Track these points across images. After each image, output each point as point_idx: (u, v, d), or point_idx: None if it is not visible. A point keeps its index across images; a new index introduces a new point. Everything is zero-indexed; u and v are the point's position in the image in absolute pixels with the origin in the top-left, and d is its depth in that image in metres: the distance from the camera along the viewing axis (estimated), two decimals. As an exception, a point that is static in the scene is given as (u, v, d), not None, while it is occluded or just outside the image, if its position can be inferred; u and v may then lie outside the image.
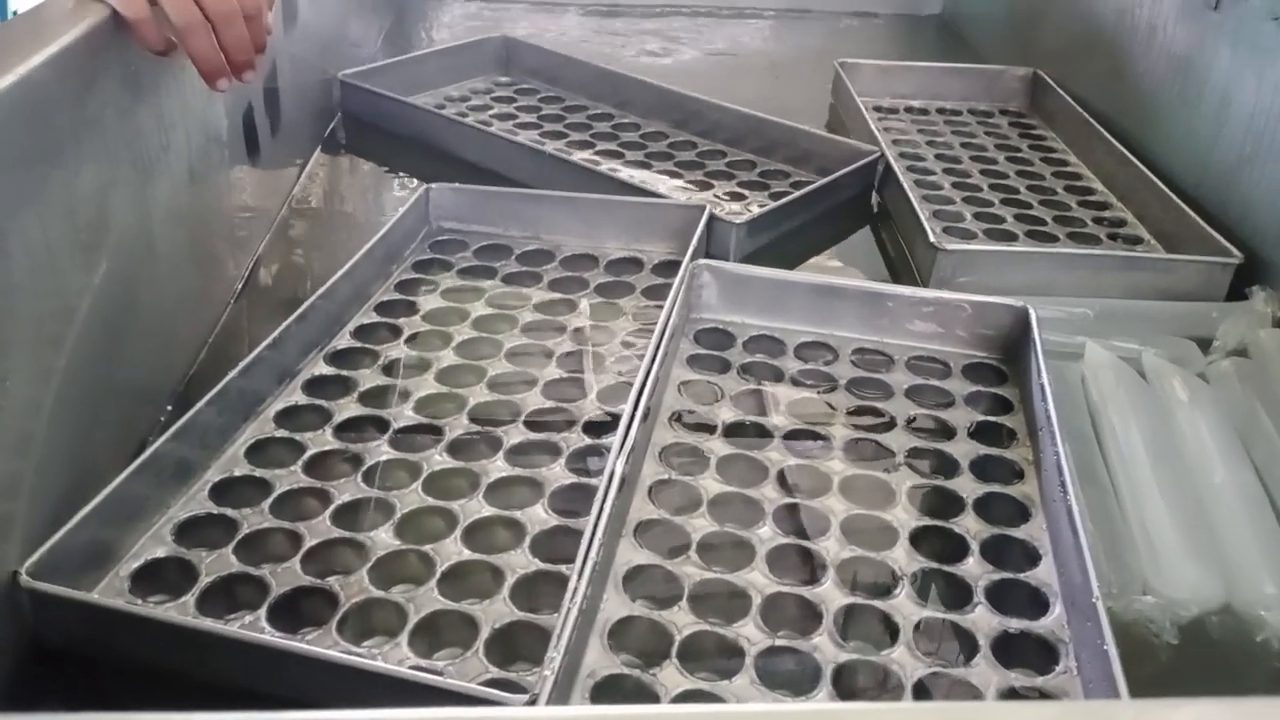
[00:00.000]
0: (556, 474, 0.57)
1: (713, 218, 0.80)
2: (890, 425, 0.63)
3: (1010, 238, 0.85)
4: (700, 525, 0.55)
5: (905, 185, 0.86)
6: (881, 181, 0.93)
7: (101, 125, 0.54)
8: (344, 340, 0.68)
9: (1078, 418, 0.64)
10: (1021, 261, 0.78)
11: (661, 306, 0.68)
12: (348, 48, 1.13)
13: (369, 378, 0.65)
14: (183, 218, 0.65)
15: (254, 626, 0.47)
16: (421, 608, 0.49)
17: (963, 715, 0.29)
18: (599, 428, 0.61)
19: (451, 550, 0.52)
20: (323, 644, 0.46)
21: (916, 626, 0.49)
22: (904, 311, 0.71)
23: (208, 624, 0.46)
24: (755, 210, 0.84)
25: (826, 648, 0.48)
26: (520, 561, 0.52)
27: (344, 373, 0.65)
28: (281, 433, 0.59)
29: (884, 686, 0.47)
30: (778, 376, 0.68)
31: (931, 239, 0.77)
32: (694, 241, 0.75)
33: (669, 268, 0.78)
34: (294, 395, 0.63)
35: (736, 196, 0.91)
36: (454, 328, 0.71)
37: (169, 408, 0.62)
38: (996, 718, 0.29)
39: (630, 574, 0.51)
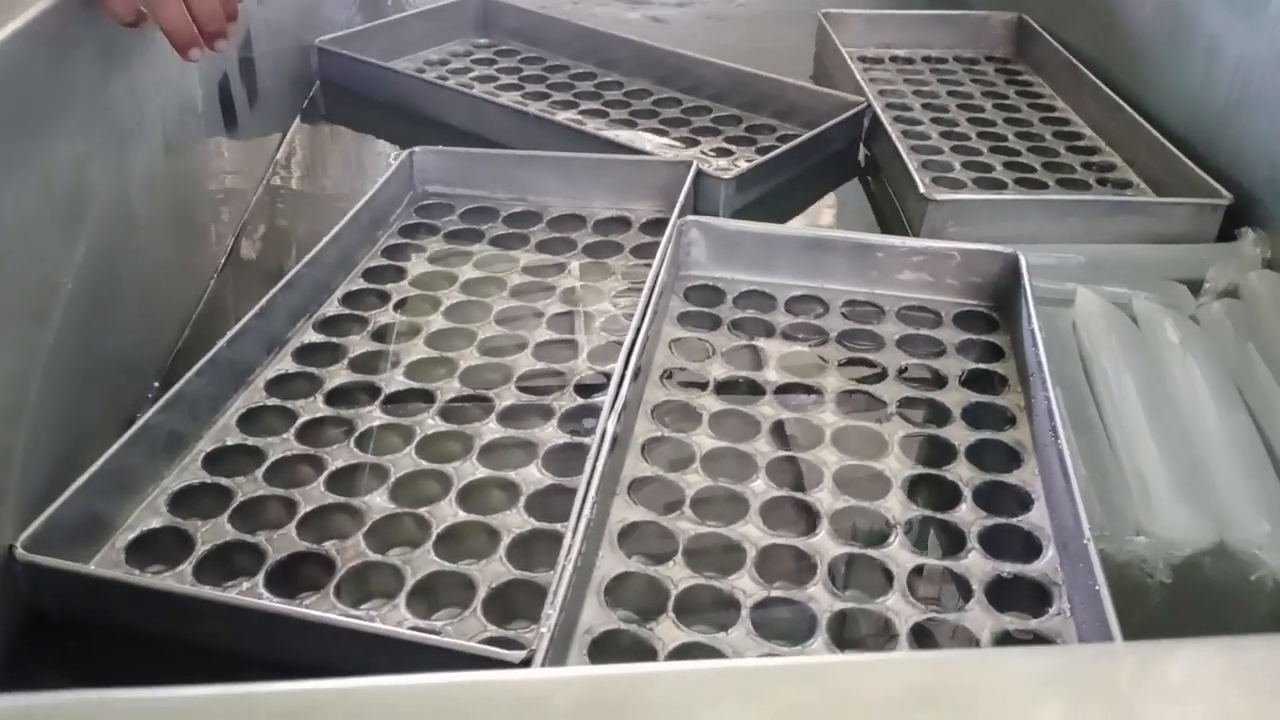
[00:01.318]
0: (550, 434, 0.58)
1: (700, 174, 0.80)
2: (882, 376, 0.64)
3: (999, 186, 0.85)
4: (694, 481, 0.55)
5: (893, 136, 0.85)
6: (869, 133, 0.93)
7: (75, 97, 0.54)
8: (332, 307, 0.68)
9: (1069, 363, 0.65)
10: (1012, 209, 0.78)
11: (650, 265, 0.68)
12: (324, 13, 1.12)
13: (359, 344, 0.65)
14: (162, 190, 0.65)
15: (251, 593, 0.47)
16: (418, 569, 0.49)
17: (960, 663, 0.29)
18: (591, 388, 0.61)
19: (447, 512, 0.52)
20: (320, 608, 0.46)
21: (911, 573, 0.50)
22: (894, 262, 0.71)
23: (205, 591, 0.46)
24: (743, 165, 0.84)
25: (822, 597, 0.49)
26: (516, 521, 0.52)
27: (334, 340, 0.65)
28: (273, 401, 0.59)
29: (880, 634, 0.48)
30: (769, 331, 0.68)
31: (921, 189, 0.77)
32: (681, 198, 0.75)
33: (657, 226, 0.78)
34: (284, 363, 0.63)
35: (723, 152, 0.91)
36: (442, 292, 0.71)
37: (156, 383, 0.62)
38: (992, 665, 0.29)
39: (625, 531, 0.52)
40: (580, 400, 0.60)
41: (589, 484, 0.50)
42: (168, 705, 0.22)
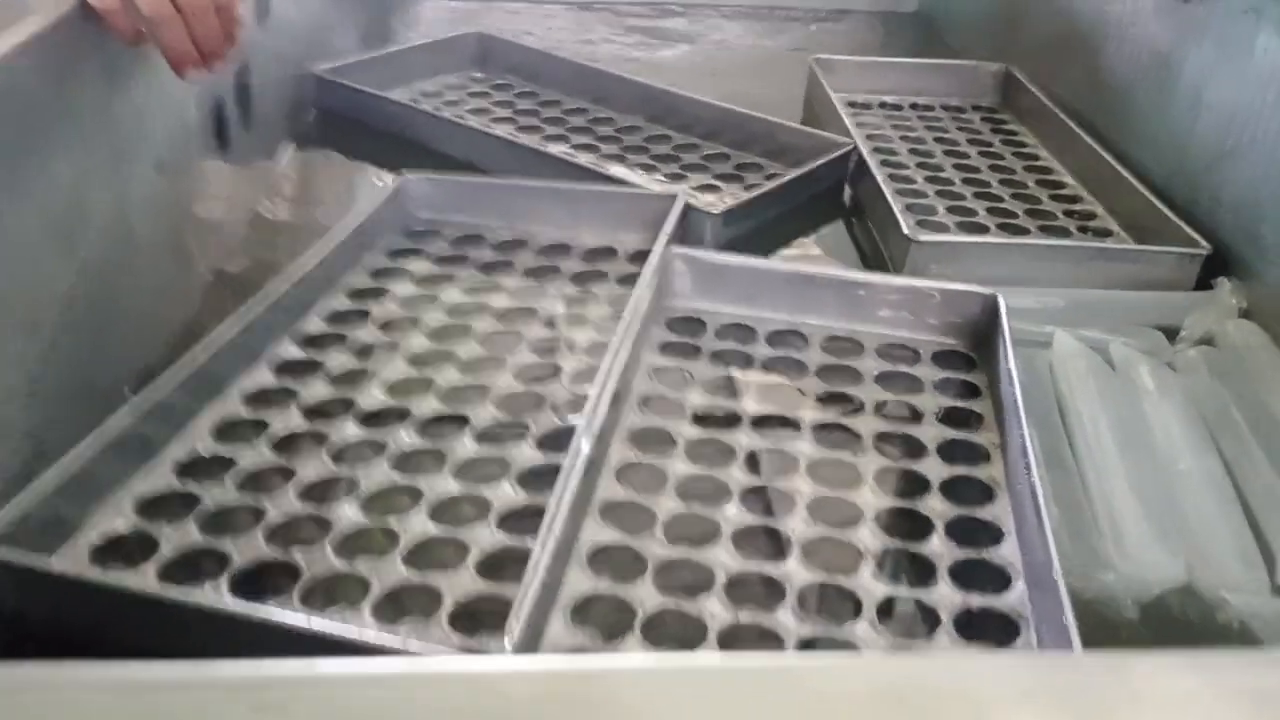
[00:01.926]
0: (526, 454, 0.58)
1: (689, 208, 0.81)
2: (859, 410, 0.64)
3: (982, 230, 0.86)
4: (667, 506, 0.55)
5: (878, 178, 0.87)
6: (854, 174, 0.94)
7: (75, 113, 0.54)
8: (315, 324, 0.69)
9: (1045, 404, 0.65)
10: (993, 252, 0.79)
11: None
12: (323, 43, 1.14)
13: (339, 361, 0.65)
14: (153, 208, 0.65)
15: (215, 596, 0.47)
16: (385, 580, 0.49)
17: (925, 664, 0.29)
18: (569, 410, 0.62)
19: (417, 525, 0.52)
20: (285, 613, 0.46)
21: (879, 602, 0.50)
22: (875, 299, 0.71)
23: (165, 591, 0.46)
24: (729, 201, 0.85)
25: (789, 623, 0.49)
26: (486, 537, 0.52)
27: (314, 356, 0.65)
28: (248, 412, 0.60)
29: (847, 662, 0.48)
30: (749, 362, 0.68)
31: (905, 230, 0.78)
32: (667, 228, 0.76)
33: (644, 257, 0.78)
34: (262, 376, 0.63)
35: (711, 189, 0.92)
36: (427, 314, 0.71)
37: (128, 394, 0.62)
38: (956, 666, 0.29)
39: (595, 553, 0.52)
40: (558, 422, 0.61)
41: (559, 502, 0.50)
42: (118, 680, 0.22)
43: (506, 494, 0.55)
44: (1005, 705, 0.22)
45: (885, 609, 0.50)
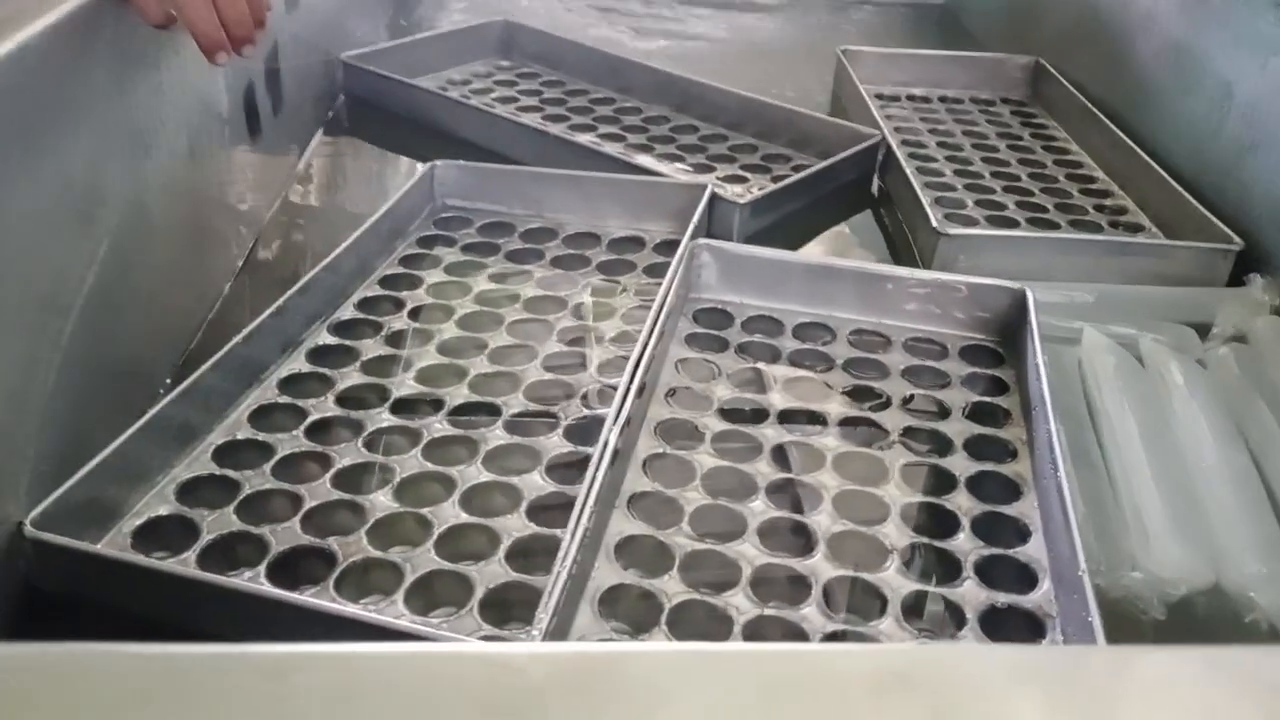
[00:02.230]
0: (554, 444, 0.58)
1: (716, 198, 0.81)
2: (885, 404, 0.64)
3: (1011, 224, 0.86)
4: (693, 498, 0.56)
5: (907, 170, 0.87)
6: (883, 166, 0.94)
7: (100, 97, 0.55)
8: (348, 311, 0.69)
9: (1073, 400, 0.65)
10: (1023, 247, 0.79)
11: (662, 284, 0.69)
12: (351, 30, 1.14)
13: (372, 348, 0.66)
14: (182, 193, 0.66)
15: (253, 583, 0.48)
16: (418, 568, 0.50)
17: (939, 653, 0.29)
18: (598, 400, 0.62)
19: (449, 514, 0.53)
20: (319, 600, 0.47)
21: (905, 599, 0.50)
22: (902, 293, 0.72)
23: (206, 575, 0.47)
24: (757, 191, 0.85)
25: (815, 618, 0.49)
26: (516, 525, 0.53)
27: (347, 343, 0.66)
28: (284, 399, 0.61)
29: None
30: (775, 356, 0.69)
31: (934, 223, 0.78)
32: (694, 219, 0.76)
33: (671, 247, 0.79)
34: (297, 363, 0.64)
35: (738, 179, 0.92)
36: (456, 301, 0.72)
37: (167, 380, 0.63)
38: (972, 657, 0.29)
39: (622, 544, 0.52)
40: (586, 412, 0.61)
41: (588, 494, 0.51)
42: (154, 660, 0.23)
43: (536, 483, 0.56)
44: (1009, 692, 0.22)
45: (911, 605, 0.50)
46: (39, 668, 0.22)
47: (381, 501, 0.54)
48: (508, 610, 0.48)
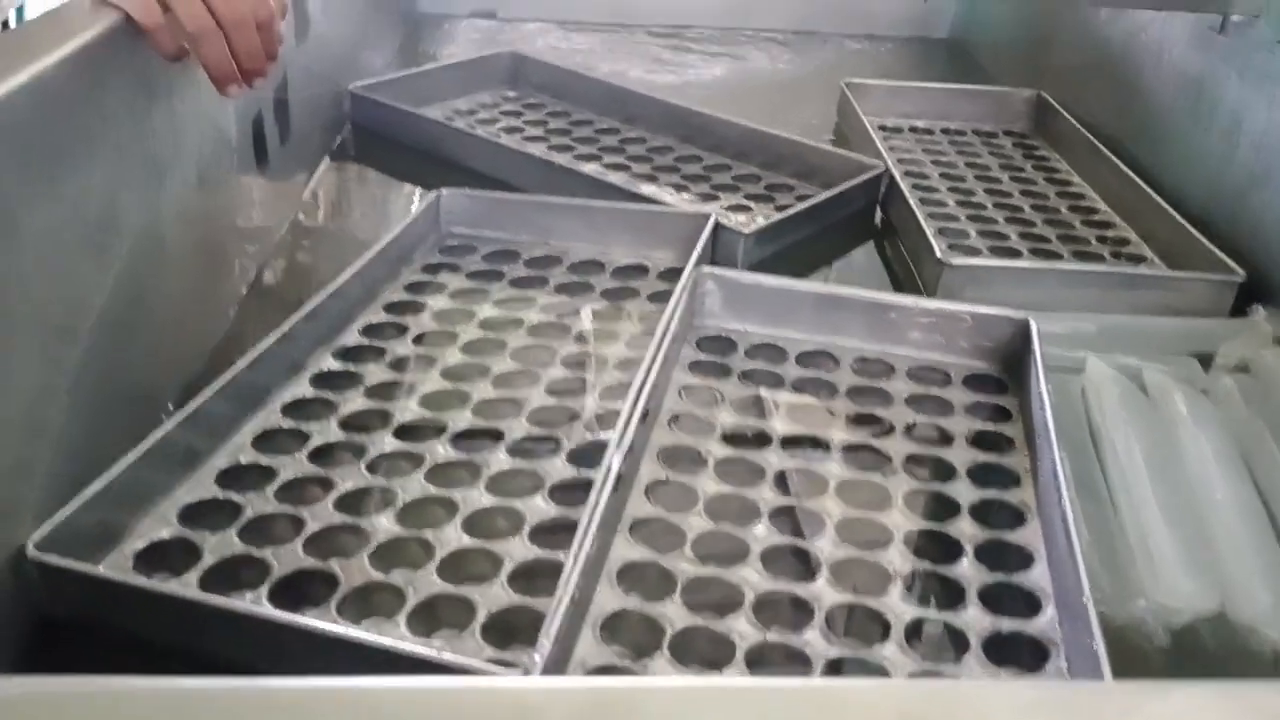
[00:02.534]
0: (557, 468, 0.59)
1: (721, 227, 0.82)
2: (889, 431, 0.65)
3: (1014, 254, 0.86)
4: (696, 524, 0.56)
5: (910, 200, 0.87)
6: (886, 197, 0.95)
7: (115, 126, 0.56)
8: (352, 337, 0.70)
9: (1077, 430, 0.65)
10: (1027, 277, 0.80)
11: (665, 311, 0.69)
12: (359, 61, 1.16)
13: (376, 373, 0.66)
14: (192, 220, 0.67)
15: (255, 605, 0.48)
16: (420, 590, 0.50)
17: (960, 691, 0.29)
18: (600, 426, 0.62)
19: (451, 537, 0.53)
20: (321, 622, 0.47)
21: (908, 625, 0.50)
22: (906, 322, 0.72)
23: (208, 597, 0.47)
24: (761, 221, 0.86)
25: (818, 643, 0.49)
26: (519, 549, 0.53)
27: (351, 368, 0.67)
28: (288, 423, 0.61)
29: (876, 684, 0.48)
30: (778, 383, 0.69)
31: (938, 254, 0.78)
32: (698, 247, 0.77)
33: (675, 275, 0.79)
34: (301, 388, 0.64)
35: (742, 208, 0.93)
36: (461, 327, 0.72)
37: (170, 404, 0.63)
38: (984, 694, 0.29)
39: (624, 570, 0.52)
40: (589, 436, 0.61)
41: (590, 519, 0.51)
42: (164, 694, 0.23)
43: (538, 507, 0.56)
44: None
45: (914, 631, 0.50)
46: (54, 701, 0.22)
47: (384, 525, 0.54)
48: (510, 633, 0.48)
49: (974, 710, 0.23)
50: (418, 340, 0.71)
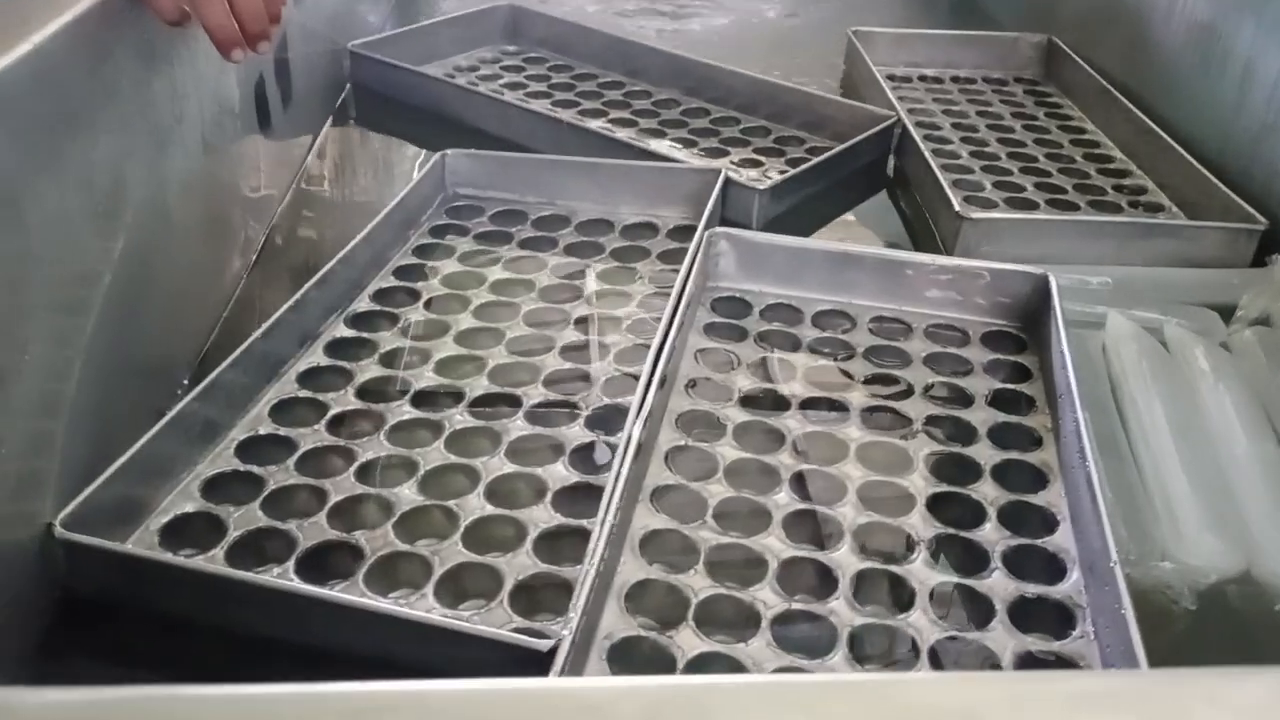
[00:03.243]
0: (576, 433, 0.59)
1: (733, 183, 0.81)
2: (908, 393, 0.64)
3: (1031, 206, 0.85)
4: (717, 491, 0.56)
5: (925, 152, 0.86)
6: (898, 149, 0.94)
7: (117, 95, 0.55)
8: (363, 304, 0.70)
9: (1098, 387, 0.65)
10: (1045, 230, 0.79)
11: (677, 270, 0.69)
12: (356, 17, 1.14)
13: (389, 340, 0.66)
14: (197, 188, 0.66)
15: (282, 579, 0.48)
16: (446, 560, 0.50)
17: (1009, 685, 0.28)
18: (617, 389, 0.62)
19: (474, 505, 0.53)
20: (349, 595, 0.47)
21: (932, 591, 0.50)
22: (922, 279, 0.72)
23: (236, 573, 0.47)
24: (774, 176, 0.85)
25: (843, 612, 0.49)
26: (543, 516, 0.53)
27: (364, 335, 0.67)
28: (304, 393, 0.61)
29: (900, 650, 0.49)
30: (795, 345, 0.69)
31: (956, 207, 0.78)
32: (709, 205, 0.76)
33: (684, 232, 0.79)
34: (316, 356, 0.64)
35: (753, 163, 0.92)
36: (471, 291, 0.72)
37: (185, 380, 0.63)
38: (1044, 688, 0.28)
39: (647, 538, 0.53)
40: (607, 400, 0.61)
41: (613, 490, 0.51)
42: (232, 703, 0.22)
43: (559, 473, 0.56)
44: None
45: (940, 597, 0.50)
46: (112, 713, 0.22)
47: (406, 495, 0.54)
48: (536, 601, 0.49)
49: (1058, 704, 0.23)
50: (429, 305, 0.70)
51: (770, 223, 0.82)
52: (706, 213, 0.75)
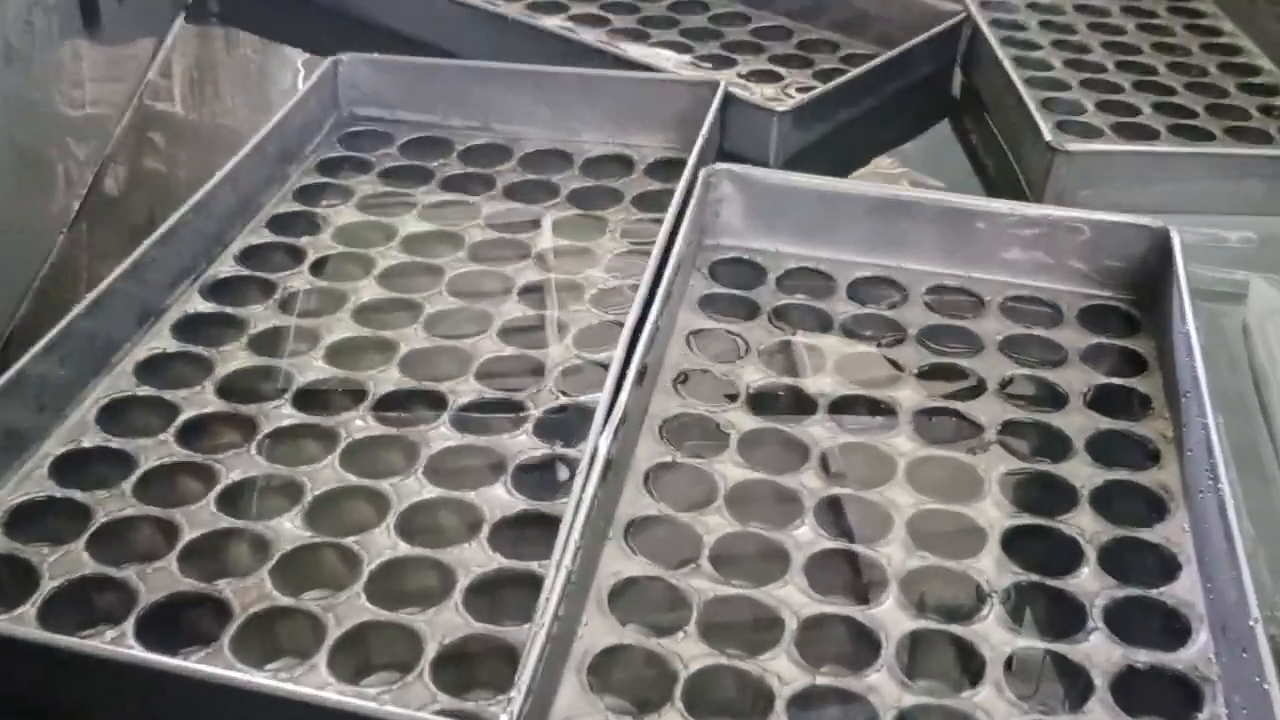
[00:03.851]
0: (521, 445, 0.59)
1: (739, 103, 0.82)
2: (977, 390, 0.66)
3: (1149, 135, 0.86)
4: (715, 525, 0.56)
5: (1004, 61, 0.87)
6: (967, 57, 0.95)
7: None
8: (226, 266, 0.70)
9: (1237, 381, 0.66)
10: (1167, 166, 0.80)
11: (660, 221, 0.70)
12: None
13: (263, 317, 0.67)
14: (6, 109, 0.66)
15: (118, 645, 0.49)
16: (344, 619, 0.51)
17: None
18: (579, 384, 0.63)
19: (383, 544, 0.54)
20: (210, 666, 0.48)
21: (1009, 660, 0.51)
22: (998, 235, 0.73)
23: (53, 637, 0.47)
24: (796, 95, 0.86)
25: (887, 688, 0.50)
26: (477, 558, 0.54)
27: (228, 310, 0.67)
28: (146, 390, 0.61)
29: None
30: (824, 324, 0.70)
31: (1046, 136, 0.79)
32: (704, 131, 0.77)
33: (670, 169, 0.80)
34: (162, 340, 0.64)
35: (769, 76, 0.93)
36: (376, 250, 0.73)
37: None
38: None
39: (619, 589, 0.53)
40: (563, 399, 0.62)
41: (573, 523, 0.51)
42: None
43: (499, 499, 0.57)
44: None
45: (1016, 668, 0.51)
46: None
47: (289, 530, 0.54)
48: (469, 673, 0.50)
49: None
50: (317, 269, 0.71)
51: (792, 158, 0.83)
52: (700, 142, 0.76)
